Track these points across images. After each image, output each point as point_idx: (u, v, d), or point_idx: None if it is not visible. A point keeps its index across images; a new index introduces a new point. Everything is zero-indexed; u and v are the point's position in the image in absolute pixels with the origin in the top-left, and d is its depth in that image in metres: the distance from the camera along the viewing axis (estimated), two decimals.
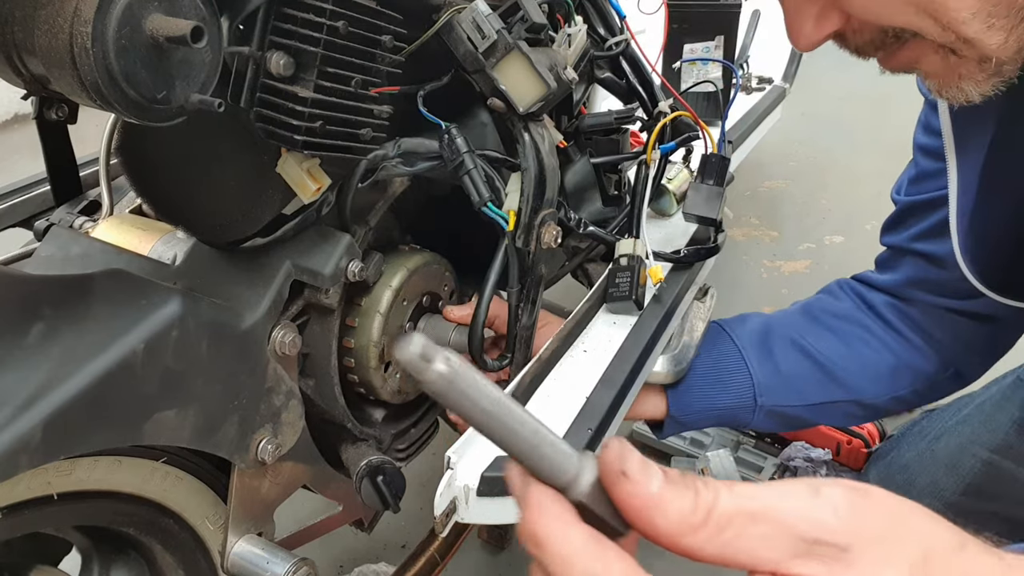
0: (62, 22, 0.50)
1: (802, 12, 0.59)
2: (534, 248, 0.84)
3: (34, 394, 0.52)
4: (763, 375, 0.99)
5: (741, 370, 0.99)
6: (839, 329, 1.02)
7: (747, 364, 0.99)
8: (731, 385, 0.99)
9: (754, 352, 1.00)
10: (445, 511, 0.71)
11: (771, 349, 1.00)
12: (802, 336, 1.01)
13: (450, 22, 0.76)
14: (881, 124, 2.73)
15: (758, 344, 1.01)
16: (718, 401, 0.99)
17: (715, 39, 1.70)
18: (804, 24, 0.59)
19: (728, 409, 0.99)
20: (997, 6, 0.53)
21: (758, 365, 0.99)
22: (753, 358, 1.00)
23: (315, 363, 0.80)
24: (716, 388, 0.99)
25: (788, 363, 0.99)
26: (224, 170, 0.72)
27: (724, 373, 0.99)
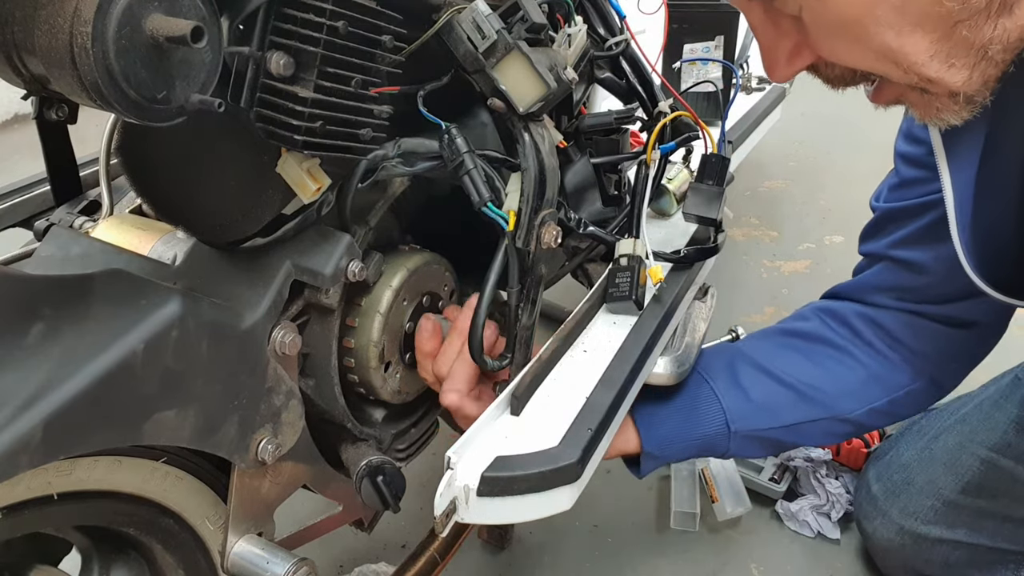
0: (62, 22, 0.50)
1: (776, 48, 0.63)
2: (534, 248, 0.84)
3: (34, 394, 0.52)
4: (732, 401, 0.98)
5: (710, 399, 0.99)
6: (805, 349, 1.02)
7: (715, 393, 0.99)
8: (702, 415, 0.98)
9: (721, 381, 1.00)
10: (445, 511, 0.71)
11: (737, 376, 1.00)
12: (769, 360, 1.01)
13: (450, 22, 0.76)
14: (881, 124, 2.73)
15: (724, 372, 1.01)
16: (691, 432, 0.98)
17: (715, 39, 1.71)
18: (778, 59, 0.63)
19: (703, 438, 0.98)
20: (955, 47, 0.55)
21: (726, 392, 0.99)
22: (720, 386, 0.99)
23: (315, 363, 0.80)
24: (688, 420, 0.98)
25: (757, 388, 0.99)
26: (224, 170, 0.72)
27: (693, 403, 0.99)
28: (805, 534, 1.27)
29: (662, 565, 1.23)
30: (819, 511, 1.28)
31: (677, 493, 1.32)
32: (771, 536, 1.28)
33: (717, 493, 1.31)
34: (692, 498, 1.31)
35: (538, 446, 0.75)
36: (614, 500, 1.34)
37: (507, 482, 0.72)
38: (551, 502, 0.74)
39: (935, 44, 0.54)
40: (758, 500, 1.33)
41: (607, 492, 1.35)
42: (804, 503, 1.29)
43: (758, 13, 0.62)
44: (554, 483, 0.73)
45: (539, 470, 0.73)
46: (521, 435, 0.78)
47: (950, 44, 0.54)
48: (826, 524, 1.27)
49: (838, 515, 1.27)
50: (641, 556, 1.24)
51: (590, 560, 1.23)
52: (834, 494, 1.29)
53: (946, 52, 0.55)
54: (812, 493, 1.31)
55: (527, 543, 1.27)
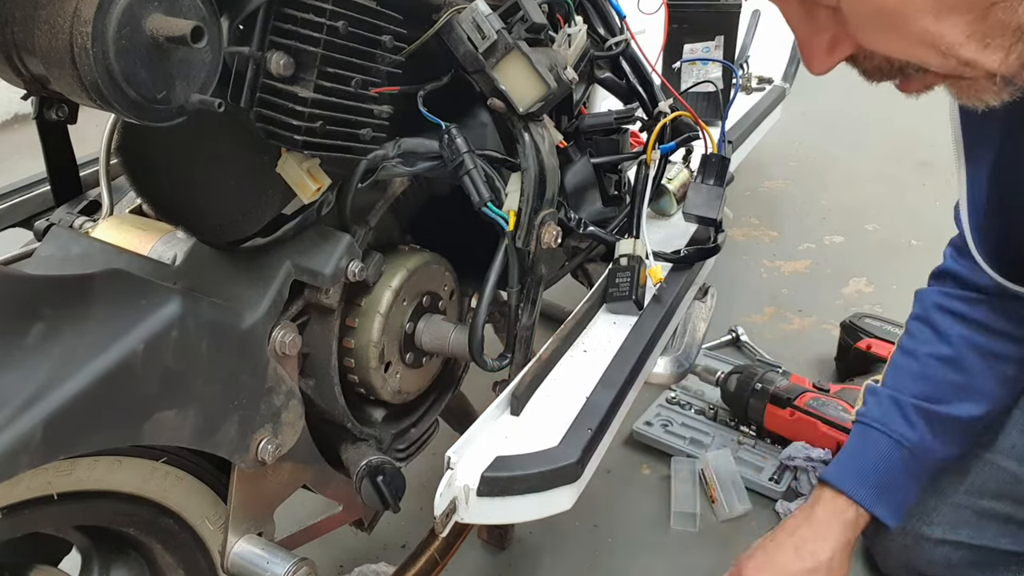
0: (62, 22, 0.50)
1: (814, 40, 0.62)
2: (534, 248, 0.84)
3: (34, 394, 0.52)
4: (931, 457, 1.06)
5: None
6: (959, 383, 1.06)
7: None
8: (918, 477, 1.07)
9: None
10: (445, 511, 0.71)
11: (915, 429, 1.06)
12: (929, 403, 1.06)
13: (450, 22, 0.77)
14: (881, 124, 2.73)
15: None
16: (911, 496, 1.08)
17: (715, 39, 1.71)
18: (817, 51, 0.62)
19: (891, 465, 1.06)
20: (991, 28, 0.55)
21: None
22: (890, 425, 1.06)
23: (315, 363, 0.80)
24: (908, 488, 1.06)
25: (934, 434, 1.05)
26: (224, 170, 0.72)
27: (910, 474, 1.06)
28: None
29: (662, 565, 1.22)
30: None
31: (677, 493, 1.32)
32: None
33: (717, 493, 1.31)
34: (692, 498, 1.31)
35: (538, 446, 0.75)
36: (614, 500, 1.34)
37: (507, 482, 0.72)
38: (551, 502, 0.74)
39: (971, 25, 0.55)
40: (758, 500, 1.33)
41: (607, 492, 1.35)
42: (804, 502, 1.29)
43: (794, 6, 0.61)
44: (554, 483, 0.73)
45: (539, 470, 0.73)
46: (521, 435, 0.78)
47: (986, 25, 0.55)
48: None
49: None
50: (641, 556, 1.24)
51: (590, 560, 1.23)
52: None
53: (982, 33, 0.55)
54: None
55: (527, 543, 1.27)
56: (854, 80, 0.66)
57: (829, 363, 1.66)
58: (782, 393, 1.39)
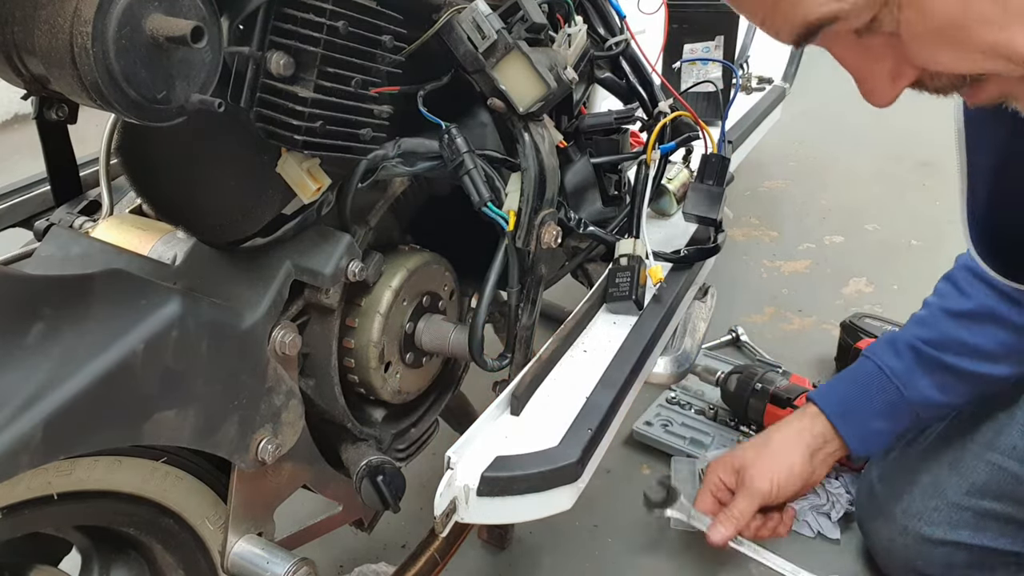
0: (62, 22, 0.50)
1: (875, 72, 0.59)
2: (534, 248, 0.84)
3: (34, 394, 0.52)
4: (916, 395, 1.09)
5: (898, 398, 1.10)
6: (962, 339, 1.08)
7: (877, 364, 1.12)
8: (892, 415, 1.11)
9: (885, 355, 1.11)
10: (445, 511, 0.71)
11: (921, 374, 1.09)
12: (924, 344, 1.09)
13: (450, 22, 0.77)
14: (881, 124, 2.73)
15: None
16: (887, 430, 1.13)
17: (715, 39, 1.71)
18: (879, 83, 0.59)
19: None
20: None
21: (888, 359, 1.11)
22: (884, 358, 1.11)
23: (315, 363, 0.80)
24: (881, 421, 1.11)
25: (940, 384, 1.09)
26: (224, 170, 0.72)
27: (883, 399, 1.11)
28: (805, 534, 1.27)
29: (662, 565, 1.22)
30: (819, 511, 1.28)
31: None
32: None
33: None
34: (692, 498, 1.31)
35: (538, 446, 0.75)
36: (614, 500, 1.34)
37: (507, 482, 0.72)
38: (551, 502, 0.74)
39: None
40: None
41: (607, 492, 1.35)
42: (804, 503, 1.29)
43: (848, 43, 0.58)
44: (554, 483, 0.73)
45: (539, 470, 0.73)
46: (521, 435, 0.78)
47: None
48: (826, 524, 1.27)
49: (838, 515, 1.27)
50: (641, 556, 1.24)
51: (590, 560, 1.23)
52: (834, 494, 1.29)
53: None
54: (812, 493, 1.31)
55: (527, 543, 1.27)
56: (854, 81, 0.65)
57: (829, 363, 1.66)
58: (782, 393, 1.39)
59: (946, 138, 0.92)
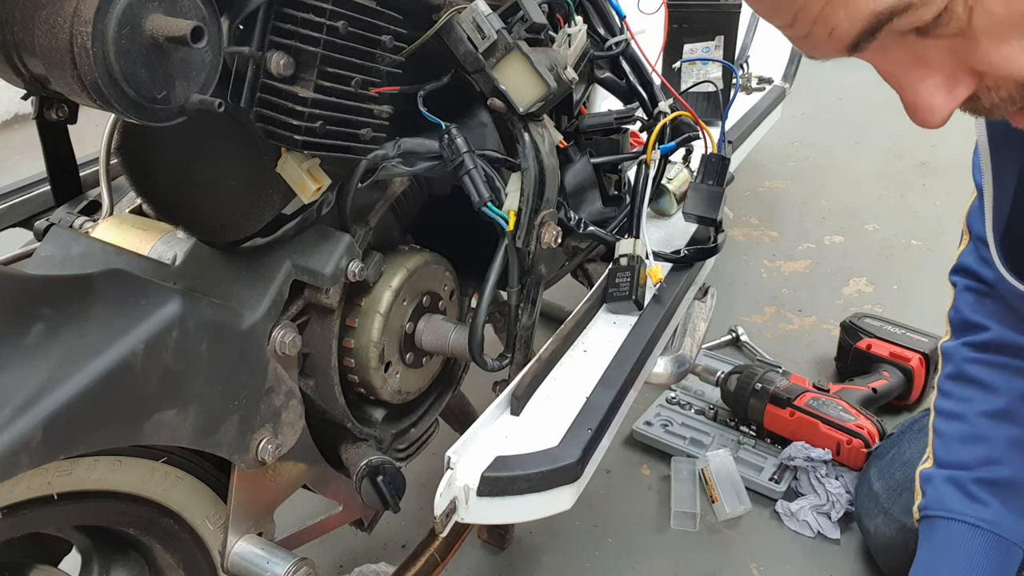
0: (62, 22, 0.50)
1: (926, 84, 0.51)
2: (534, 248, 0.84)
3: (34, 394, 0.52)
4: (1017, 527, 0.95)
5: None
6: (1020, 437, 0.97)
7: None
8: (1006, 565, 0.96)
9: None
10: (445, 511, 0.71)
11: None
12: (992, 468, 0.97)
13: (450, 22, 0.77)
14: (881, 124, 2.73)
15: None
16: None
17: (715, 39, 1.71)
18: (933, 97, 0.51)
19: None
20: None
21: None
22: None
23: (315, 363, 0.80)
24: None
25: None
26: (224, 170, 0.72)
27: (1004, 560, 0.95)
28: (805, 534, 1.27)
29: (662, 565, 1.22)
30: (819, 511, 1.28)
31: (677, 493, 1.32)
32: (771, 536, 1.28)
33: (717, 493, 1.31)
34: (692, 498, 1.31)
35: (538, 446, 0.75)
36: (614, 500, 1.34)
37: (507, 482, 0.72)
38: (551, 502, 0.74)
39: None
40: (758, 500, 1.33)
41: (607, 492, 1.35)
42: (804, 503, 1.29)
43: (903, 48, 0.51)
44: (554, 483, 0.73)
45: (539, 470, 0.73)
46: (521, 435, 0.78)
47: None
48: (826, 524, 1.27)
49: (838, 515, 1.27)
50: (641, 556, 1.24)
51: (590, 560, 1.23)
52: (834, 494, 1.29)
53: None
54: (812, 493, 1.31)
55: (527, 543, 1.27)
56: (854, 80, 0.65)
57: (829, 363, 1.66)
58: (782, 393, 1.39)
59: (946, 138, 0.92)
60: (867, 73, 0.70)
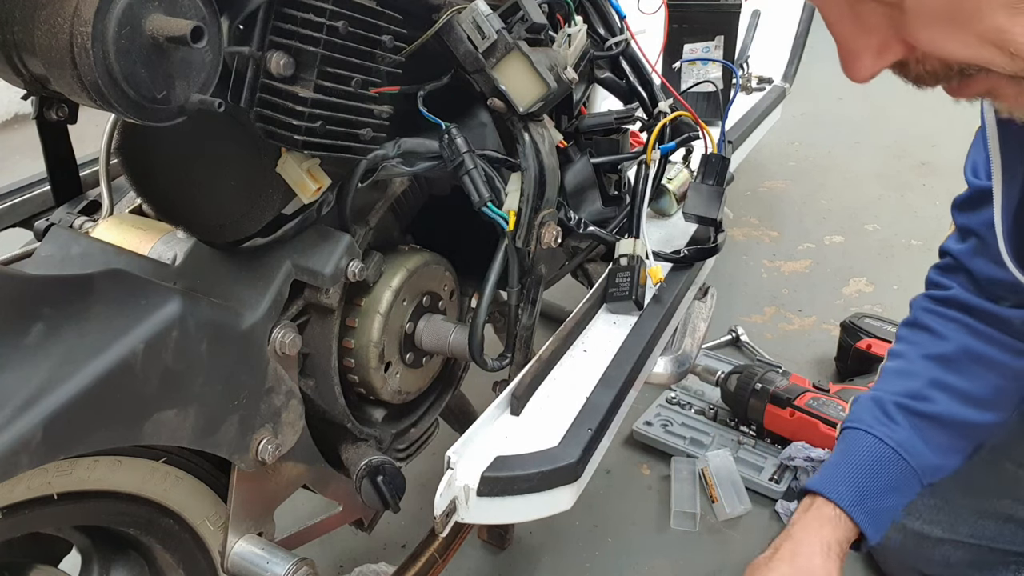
0: (62, 22, 0.50)
1: (860, 43, 0.56)
2: (534, 248, 0.84)
3: (34, 394, 0.52)
4: (920, 462, 0.98)
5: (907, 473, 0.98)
6: (950, 383, 0.99)
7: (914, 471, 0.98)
8: (901, 487, 0.99)
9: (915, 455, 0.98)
10: (445, 511, 0.71)
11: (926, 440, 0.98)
12: (913, 400, 0.99)
13: (450, 22, 0.77)
14: (881, 124, 2.73)
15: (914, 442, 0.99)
16: (898, 505, 0.98)
17: (715, 39, 1.70)
18: (862, 55, 0.56)
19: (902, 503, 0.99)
20: None
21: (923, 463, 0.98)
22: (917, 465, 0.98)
23: (315, 363, 0.80)
24: (893, 497, 0.98)
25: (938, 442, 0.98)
26: (224, 170, 0.72)
27: (894, 477, 0.98)
28: None
29: (662, 565, 1.22)
30: None
31: (677, 493, 1.32)
32: (771, 536, 1.28)
33: (717, 493, 1.31)
34: (692, 498, 1.31)
35: (538, 446, 0.75)
36: (614, 500, 1.34)
37: (507, 482, 0.72)
38: (551, 502, 0.74)
39: None
40: (758, 500, 1.33)
41: (607, 492, 1.35)
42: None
43: (839, 5, 0.55)
44: (554, 483, 0.73)
45: (539, 470, 0.73)
46: (521, 435, 0.78)
47: None
48: None
49: None
50: (641, 556, 1.24)
51: (590, 560, 1.23)
52: None
53: None
54: None
55: (527, 543, 1.27)
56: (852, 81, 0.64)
57: (829, 363, 1.66)
58: (782, 393, 1.39)
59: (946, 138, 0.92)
60: None
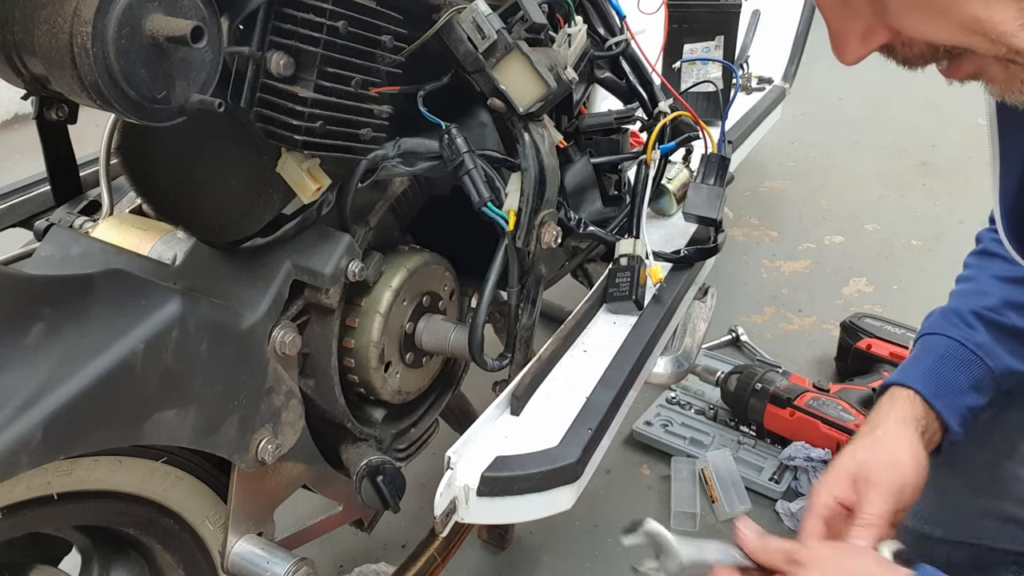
0: (62, 22, 0.50)
1: (848, 28, 0.59)
2: (534, 248, 0.84)
3: (34, 394, 0.52)
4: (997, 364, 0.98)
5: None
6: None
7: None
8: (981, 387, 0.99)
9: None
10: (445, 511, 0.71)
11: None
12: (991, 312, 1.00)
13: (450, 22, 0.76)
14: (881, 124, 2.73)
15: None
16: (976, 404, 0.99)
17: (715, 39, 1.70)
18: (849, 39, 0.59)
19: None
20: None
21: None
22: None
23: (315, 363, 0.80)
24: (972, 395, 0.99)
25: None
26: (224, 170, 0.72)
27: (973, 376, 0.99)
28: None
29: None
30: None
31: (677, 493, 1.32)
32: None
33: (717, 493, 1.31)
34: (692, 498, 1.31)
35: (538, 446, 0.75)
36: (614, 500, 1.34)
37: (507, 482, 0.72)
38: (551, 502, 0.74)
39: (1023, 12, 0.52)
40: (758, 500, 1.33)
41: (607, 492, 1.35)
42: (804, 503, 1.29)
43: None
44: (554, 483, 0.73)
45: (539, 470, 0.73)
46: (521, 435, 0.78)
47: None
48: None
49: None
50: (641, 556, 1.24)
51: (590, 560, 1.23)
52: None
53: None
54: None
55: (527, 543, 1.27)
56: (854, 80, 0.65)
57: (829, 363, 1.66)
58: (782, 393, 1.39)
59: (946, 138, 0.92)
60: (867, 73, 0.70)
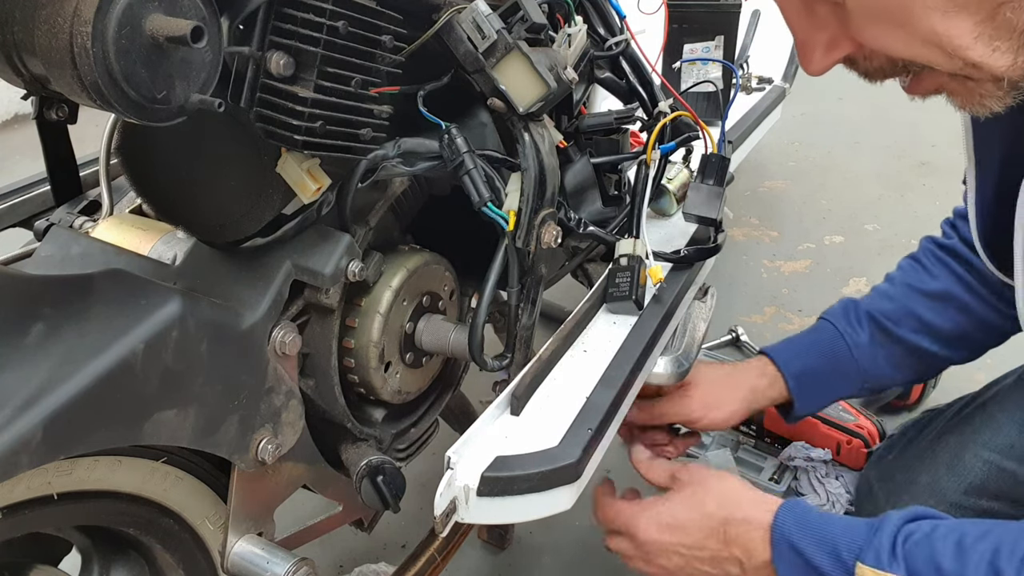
0: (62, 22, 0.50)
1: (812, 40, 0.61)
2: (534, 248, 0.84)
3: (34, 394, 0.52)
4: (870, 366, 1.10)
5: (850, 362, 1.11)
6: (924, 318, 1.09)
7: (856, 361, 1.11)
8: (846, 378, 1.12)
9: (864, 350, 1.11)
10: (445, 511, 0.71)
11: (878, 343, 1.10)
12: (884, 318, 1.10)
13: (450, 22, 0.76)
14: (881, 124, 2.73)
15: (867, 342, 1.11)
16: (833, 393, 1.13)
17: (715, 39, 1.70)
18: (814, 51, 0.61)
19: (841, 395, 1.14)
20: (998, 29, 0.54)
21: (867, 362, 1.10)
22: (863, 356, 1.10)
23: (315, 363, 0.80)
24: (831, 382, 1.11)
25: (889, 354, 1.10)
26: (224, 170, 0.72)
27: (838, 367, 1.10)
28: None
29: None
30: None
31: None
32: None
33: None
34: None
35: (538, 446, 0.75)
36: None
37: (507, 482, 0.72)
38: (551, 502, 0.74)
39: (978, 26, 0.54)
40: None
41: None
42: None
43: (793, 3, 0.60)
44: (554, 483, 0.73)
45: (539, 470, 0.73)
46: (521, 435, 0.78)
47: (993, 26, 0.54)
48: None
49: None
50: None
51: (590, 560, 1.23)
52: (834, 494, 1.29)
53: (989, 35, 0.54)
54: (812, 493, 1.31)
55: (527, 543, 1.27)
56: (854, 81, 0.65)
57: None
58: None
59: (946, 138, 0.92)
60: None
